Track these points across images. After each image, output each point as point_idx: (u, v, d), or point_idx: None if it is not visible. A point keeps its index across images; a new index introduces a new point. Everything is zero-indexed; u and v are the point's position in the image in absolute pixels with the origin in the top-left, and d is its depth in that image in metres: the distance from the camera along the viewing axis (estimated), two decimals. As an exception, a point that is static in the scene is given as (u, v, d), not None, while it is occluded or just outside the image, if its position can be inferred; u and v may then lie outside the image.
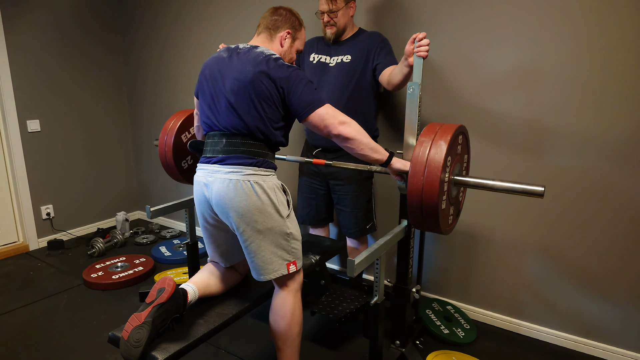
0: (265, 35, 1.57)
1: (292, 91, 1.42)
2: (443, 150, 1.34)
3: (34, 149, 3.11)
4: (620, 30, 1.68)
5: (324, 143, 2.11)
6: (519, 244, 2.05)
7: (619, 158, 1.76)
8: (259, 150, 1.47)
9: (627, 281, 1.83)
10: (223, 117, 1.46)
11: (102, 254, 3.02)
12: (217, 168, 1.45)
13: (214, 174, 1.44)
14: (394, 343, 1.86)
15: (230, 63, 1.47)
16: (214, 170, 1.45)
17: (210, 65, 1.52)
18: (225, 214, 1.44)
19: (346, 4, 1.97)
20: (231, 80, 1.44)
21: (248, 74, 1.42)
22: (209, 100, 1.49)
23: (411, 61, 1.63)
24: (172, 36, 3.18)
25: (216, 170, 1.44)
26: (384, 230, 2.32)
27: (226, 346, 1.99)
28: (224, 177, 1.42)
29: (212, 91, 1.48)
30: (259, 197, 1.42)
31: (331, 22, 2.00)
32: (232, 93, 1.43)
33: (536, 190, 1.36)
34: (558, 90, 1.84)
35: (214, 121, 1.47)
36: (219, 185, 1.43)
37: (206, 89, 1.50)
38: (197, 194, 1.52)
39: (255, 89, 1.41)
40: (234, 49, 1.52)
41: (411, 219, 1.48)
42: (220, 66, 1.48)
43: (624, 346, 1.88)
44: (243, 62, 1.45)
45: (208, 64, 1.54)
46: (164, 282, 1.37)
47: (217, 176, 1.43)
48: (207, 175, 1.46)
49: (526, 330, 2.10)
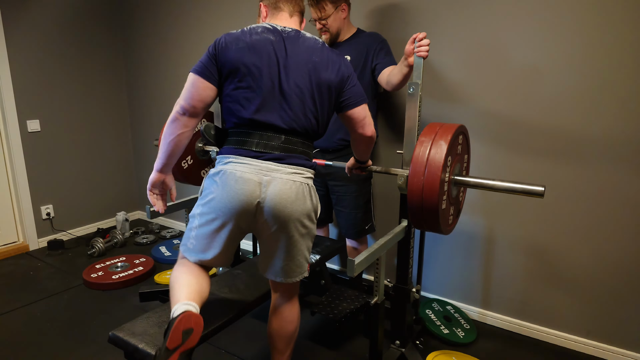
0: (298, 19, 1.45)
1: (350, 82, 1.39)
2: (443, 150, 1.35)
3: (34, 149, 3.11)
4: (620, 30, 1.68)
5: (323, 144, 2.11)
6: (519, 244, 2.05)
7: (619, 158, 1.76)
8: (311, 152, 1.41)
9: (627, 281, 1.83)
10: (282, 112, 1.31)
11: (102, 254, 3.01)
12: (274, 167, 1.29)
13: (271, 172, 1.29)
14: (394, 343, 1.86)
15: (291, 51, 1.31)
16: (270, 169, 1.29)
17: (258, 47, 1.29)
18: (277, 218, 1.30)
19: (336, 8, 1.96)
20: (300, 75, 1.31)
21: (321, 71, 1.33)
22: (259, 91, 1.29)
23: (411, 61, 1.63)
24: (172, 36, 3.18)
25: (274, 169, 1.29)
26: (384, 230, 2.32)
27: (226, 346, 1.99)
28: (287, 178, 1.29)
29: (268, 81, 1.29)
30: (312, 201, 1.35)
31: (323, 28, 2.00)
32: (298, 88, 1.30)
33: (536, 190, 1.36)
34: (558, 90, 1.84)
35: (267, 115, 1.30)
36: (279, 187, 1.28)
37: (253, 77, 1.29)
38: (237, 192, 1.27)
39: (323, 87, 1.34)
40: (280, 31, 1.34)
41: (411, 219, 1.48)
42: (275, 52, 1.30)
43: (624, 346, 1.88)
44: (305, 49, 1.33)
45: (252, 45, 1.29)
46: (189, 321, 1.13)
47: (276, 175, 1.29)
48: (261, 172, 1.28)
49: (526, 330, 2.10)
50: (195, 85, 1.31)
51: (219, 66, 1.31)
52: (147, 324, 1.43)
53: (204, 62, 1.31)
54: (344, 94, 1.39)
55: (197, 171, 2.30)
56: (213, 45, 1.32)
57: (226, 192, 1.28)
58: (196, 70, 1.31)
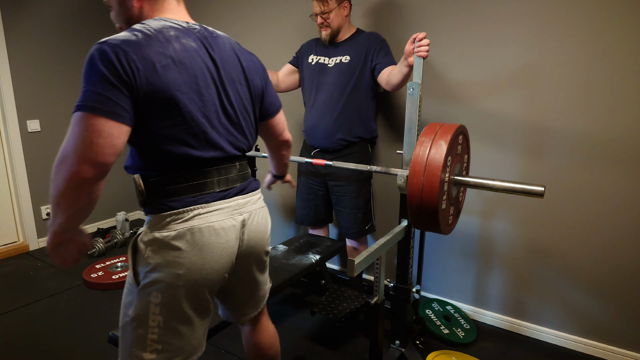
0: (184, 5, 1.11)
1: (269, 83, 1.23)
2: (443, 150, 1.34)
3: (34, 149, 3.10)
4: (621, 30, 1.68)
5: (323, 144, 2.11)
6: (519, 244, 2.05)
7: (619, 158, 1.76)
8: None
9: (627, 281, 1.83)
10: (231, 137, 1.08)
11: (102, 254, 3.01)
12: (243, 200, 1.11)
13: (243, 208, 1.10)
14: (394, 343, 1.86)
15: (219, 59, 1.06)
16: (240, 205, 1.09)
17: (187, 62, 0.97)
18: (254, 254, 1.16)
19: (339, 4, 1.97)
20: (236, 89, 1.09)
21: (251, 74, 1.14)
22: (205, 120, 1.01)
23: (411, 61, 1.63)
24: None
25: (244, 203, 1.11)
26: (384, 230, 2.32)
27: (226, 346, 1.99)
28: (258, 208, 1.15)
29: (211, 105, 1.02)
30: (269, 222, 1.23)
31: (325, 23, 2.01)
32: (239, 105, 1.10)
33: (536, 190, 1.36)
34: (558, 90, 1.84)
35: (218, 146, 1.04)
36: (256, 221, 1.13)
37: (195, 106, 0.98)
38: (223, 247, 1.04)
39: (257, 96, 1.16)
40: (191, 31, 1.03)
41: (411, 219, 1.48)
42: (206, 66, 1.02)
43: (624, 346, 1.88)
44: (230, 54, 1.09)
45: (180, 61, 0.95)
46: None
47: (250, 209, 1.12)
48: (236, 212, 1.07)
49: (526, 330, 2.10)
50: (106, 132, 0.85)
51: (139, 98, 0.90)
52: (147, 324, 1.43)
53: (107, 94, 0.85)
54: (266, 99, 1.21)
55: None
56: (114, 64, 0.86)
57: (208, 254, 1.01)
58: (99, 109, 0.85)
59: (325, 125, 2.06)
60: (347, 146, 2.09)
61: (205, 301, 1.06)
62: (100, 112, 0.84)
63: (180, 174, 1.01)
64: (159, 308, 0.99)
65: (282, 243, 2.23)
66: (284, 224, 2.92)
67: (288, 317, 2.24)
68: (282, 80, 2.27)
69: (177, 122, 0.96)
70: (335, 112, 2.04)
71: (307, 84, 2.16)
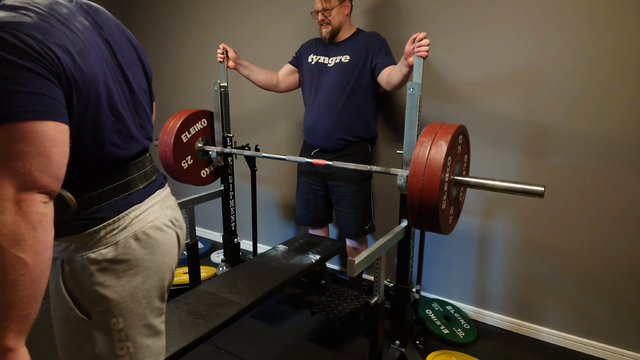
0: None
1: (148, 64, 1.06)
2: (443, 150, 1.35)
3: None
4: (620, 30, 1.68)
5: (322, 143, 2.11)
6: (519, 244, 2.05)
7: (619, 158, 1.76)
8: None
9: (627, 281, 1.83)
10: (141, 129, 0.95)
11: (102, 254, 3.01)
12: (164, 193, 0.99)
13: (167, 200, 1.00)
14: (394, 343, 1.86)
15: (110, 37, 0.88)
16: (163, 198, 0.98)
17: (91, 44, 0.79)
18: (182, 247, 1.07)
19: (340, 2, 1.98)
20: (132, 69, 0.93)
21: (142, 53, 0.99)
22: (122, 110, 0.86)
23: (411, 61, 1.63)
24: (172, 36, 3.18)
25: (166, 196, 1.00)
26: (384, 230, 2.32)
27: (226, 346, 1.99)
28: (175, 201, 1.05)
29: (119, 93, 0.86)
30: None
31: (326, 20, 2.01)
32: (139, 89, 0.95)
33: (536, 190, 1.36)
34: (558, 90, 1.84)
35: (134, 137, 0.91)
36: (179, 212, 1.04)
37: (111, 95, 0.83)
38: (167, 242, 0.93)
39: (150, 75, 1.02)
40: (80, 5, 0.84)
41: (411, 219, 1.48)
42: (104, 45, 0.85)
43: (624, 346, 1.88)
44: (119, 32, 0.94)
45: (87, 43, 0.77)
46: None
47: (171, 202, 1.01)
48: (164, 207, 0.96)
49: (526, 330, 2.10)
50: (58, 139, 0.68)
51: (71, 92, 0.72)
52: (147, 324, 1.43)
53: (47, 93, 0.67)
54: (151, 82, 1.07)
55: (197, 171, 2.30)
56: (44, 53, 0.67)
57: (160, 254, 0.91)
58: (47, 112, 0.66)
59: (325, 125, 2.06)
60: (347, 146, 2.09)
61: (163, 301, 0.96)
62: (49, 116, 0.66)
63: (106, 175, 0.85)
64: (124, 333, 0.86)
65: (282, 243, 2.23)
66: (284, 224, 2.92)
67: (288, 317, 2.24)
68: (281, 80, 2.27)
69: (100, 116, 0.80)
70: (335, 112, 2.04)
71: (307, 84, 2.16)
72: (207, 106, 2.40)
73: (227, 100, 2.27)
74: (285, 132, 2.72)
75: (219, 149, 2.25)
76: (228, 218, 2.44)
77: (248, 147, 2.36)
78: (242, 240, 2.64)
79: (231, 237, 2.45)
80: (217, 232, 3.28)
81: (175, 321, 1.46)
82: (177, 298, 1.62)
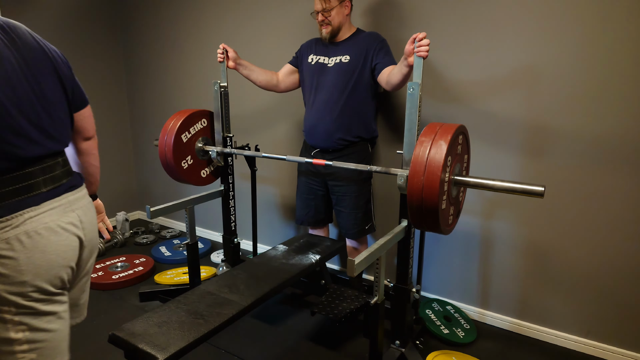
0: None
1: (74, 75, 1.20)
2: (443, 150, 1.34)
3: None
4: (620, 30, 1.68)
5: (322, 143, 2.11)
6: (519, 244, 2.05)
7: (619, 157, 1.76)
8: None
9: (626, 281, 1.83)
10: (51, 129, 1.05)
11: (102, 254, 3.01)
12: (73, 196, 1.09)
13: (75, 203, 1.09)
14: (394, 343, 1.86)
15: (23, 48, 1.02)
16: (71, 202, 1.08)
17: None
18: (92, 248, 1.15)
19: (340, 2, 1.98)
20: (47, 75, 1.06)
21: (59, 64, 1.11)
22: (22, 107, 0.97)
23: (411, 61, 1.63)
24: (172, 36, 3.18)
25: (75, 200, 1.09)
26: (384, 230, 2.32)
27: (226, 346, 1.99)
28: (88, 203, 1.14)
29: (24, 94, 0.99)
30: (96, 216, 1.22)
31: (326, 20, 2.01)
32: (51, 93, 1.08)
33: (536, 190, 1.36)
34: (558, 90, 1.84)
35: (39, 140, 1.02)
36: (91, 216, 1.14)
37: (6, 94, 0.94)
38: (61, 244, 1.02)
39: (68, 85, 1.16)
40: None
41: (411, 219, 1.48)
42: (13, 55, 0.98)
43: (624, 346, 1.88)
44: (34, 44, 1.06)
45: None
46: None
47: (81, 204, 1.11)
48: (69, 209, 1.06)
49: (526, 330, 2.10)
50: None
51: None
52: (147, 324, 1.44)
53: None
54: (75, 90, 1.20)
55: (197, 171, 2.30)
56: None
57: (52, 253, 1.00)
58: None
59: (325, 125, 2.06)
60: (347, 146, 2.09)
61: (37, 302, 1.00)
62: None
63: (7, 178, 0.95)
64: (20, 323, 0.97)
65: (282, 243, 2.23)
66: (284, 224, 2.92)
67: (288, 317, 2.24)
68: (281, 80, 2.27)
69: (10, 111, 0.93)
70: (335, 112, 2.04)
71: (307, 84, 2.16)
72: (207, 106, 2.40)
73: (227, 100, 2.27)
74: (285, 132, 2.72)
75: (219, 149, 2.26)
76: (228, 218, 2.44)
77: (248, 147, 2.36)
78: (242, 240, 2.64)
79: (231, 237, 2.45)
80: (217, 232, 3.28)
81: (175, 321, 1.46)
82: (177, 298, 1.62)
